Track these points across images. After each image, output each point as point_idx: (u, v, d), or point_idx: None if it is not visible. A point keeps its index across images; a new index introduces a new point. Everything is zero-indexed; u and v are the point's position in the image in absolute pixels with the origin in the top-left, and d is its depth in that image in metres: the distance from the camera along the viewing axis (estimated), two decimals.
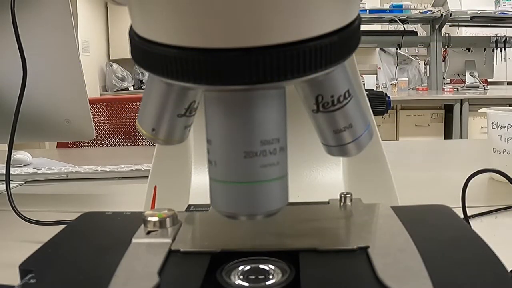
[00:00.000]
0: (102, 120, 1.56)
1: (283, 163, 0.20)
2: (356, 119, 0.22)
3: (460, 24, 3.26)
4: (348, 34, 0.19)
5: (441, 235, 0.27)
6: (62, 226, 0.30)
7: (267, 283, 0.22)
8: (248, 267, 0.24)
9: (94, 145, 1.48)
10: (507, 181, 0.43)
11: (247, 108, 0.19)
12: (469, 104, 2.86)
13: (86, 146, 1.40)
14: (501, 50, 3.18)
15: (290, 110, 0.29)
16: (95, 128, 1.06)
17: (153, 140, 0.24)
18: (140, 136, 1.53)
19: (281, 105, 0.20)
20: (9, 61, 0.62)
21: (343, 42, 0.18)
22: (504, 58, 3.22)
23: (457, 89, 3.16)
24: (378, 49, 3.36)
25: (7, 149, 0.53)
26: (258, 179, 0.20)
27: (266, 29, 0.16)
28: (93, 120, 0.72)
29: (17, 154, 0.88)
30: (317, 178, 0.40)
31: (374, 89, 1.08)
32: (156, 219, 0.27)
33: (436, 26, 3.14)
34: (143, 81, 3.60)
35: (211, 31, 0.16)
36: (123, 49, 3.48)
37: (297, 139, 0.39)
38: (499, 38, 3.17)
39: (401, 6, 3.18)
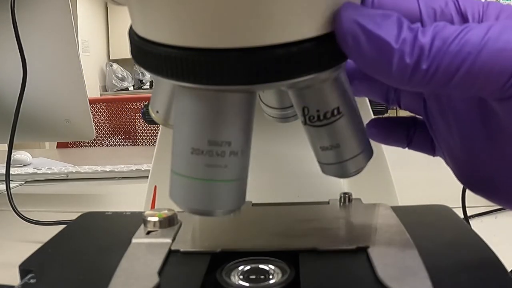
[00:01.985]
0: (102, 120, 1.56)
1: (234, 167, 0.19)
2: (344, 140, 0.22)
3: None
4: None
5: (441, 235, 0.27)
6: (62, 226, 0.30)
7: (267, 283, 0.22)
8: (248, 267, 0.24)
9: (94, 145, 1.48)
10: None
11: (204, 106, 0.19)
12: None
13: (86, 146, 1.40)
14: None
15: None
16: (95, 128, 1.06)
17: (165, 125, 0.27)
18: (140, 136, 1.53)
19: (242, 111, 0.19)
20: (9, 61, 0.62)
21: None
22: None
23: None
24: None
25: (7, 149, 0.53)
26: (202, 177, 0.19)
27: (266, 29, 0.16)
28: (93, 120, 0.71)
29: (17, 154, 0.88)
30: (317, 178, 0.40)
31: None
32: (156, 219, 0.27)
33: None
34: (143, 81, 3.60)
35: (210, 31, 0.16)
36: (123, 49, 3.48)
37: (297, 139, 0.39)
38: None
39: None
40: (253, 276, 0.23)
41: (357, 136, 0.22)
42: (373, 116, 0.39)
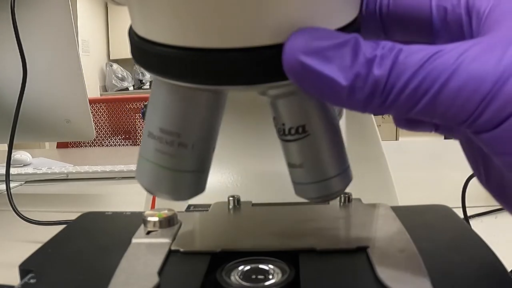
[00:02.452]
0: (102, 120, 1.56)
1: (181, 158, 0.20)
2: (308, 161, 0.21)
3: None
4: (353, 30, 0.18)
5: (441, 235, 0.27)
6: (62, 226, 0.30)
7: (267, 283, 0.22)
8: (248, 267, 0.24)
9: (94, 145, 1.48)
10: None
11: (162, 95, 0.19)
12: None
13: (86, 146, 1.40)
14: None
15: None
16: (95, 128, 1.06)
17: None
18: (140, 136, 1.53)
19: (200, 108, 0.20)
20: (9, 61, 0.62)
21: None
22: None
23: None
24: None
25: (7, 149, 0.53)
26: (152, 160, 0.21)
27: (265, 29, 0.16)
28: (93, 120, 0.71)
29: (17, 154, 0.88)
30: None
31: None
32: (156, 219, 0.27)
33: None
34: (143, 81, 3.60)
35: (210, 31, 0.16)
36: (123, 49, 3.48)
37: None
38: None
39: None
40: (253, 276, 0.23)
41: (326, 160, 0.21)
42: (373, 114, 0.39)
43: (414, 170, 0.76)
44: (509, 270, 0.22)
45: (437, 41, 0.21)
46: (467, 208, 0.45)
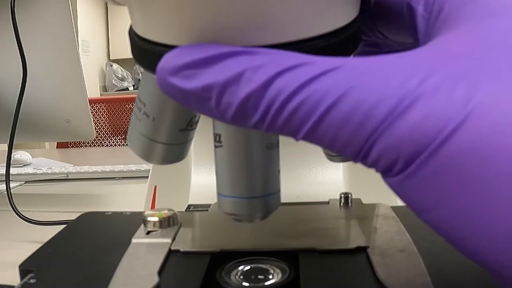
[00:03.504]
0: (102, 120, 1.56)
1: (145, 125, 0.23)
2: (219, 173, 0.21)
3: None
4: (346, 35, 0.18)
5: None
6: (62, 226, 0.30)
7: (267, 283, 0.22)
8: (248, 267, 0.24)
9: (94, 145, 1.48)
10: None
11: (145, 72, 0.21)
12: None
13: (86, 146, 1.40)
14: None
15: None
16: (95, 128, 1.06)
17: None
18: None
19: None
20: (9, 61, 0.62)
21: (340, 42, 0.18)
22: None
23: None
24: None
25: (7, 149, 0.53)
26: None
27: (265, 29, 0.16)
28: (93, 120, 0.71)
29: (17, 154, 0.88)
30: (317, 178, 0.40)
31: None
32: (156, 219, 0.27)
33: None
34: None
35: (210, 31, 0.16)
36: (123, 49, 3.48)
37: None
38: None
39: None
40: (253, 276, 0.23)
41: (238, 179, 0.20)
42: None
43: None
44: None
45: (419, 42, 0.19)
46: None
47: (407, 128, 0.13)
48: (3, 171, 0.52)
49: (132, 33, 0.19)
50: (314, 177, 0.40)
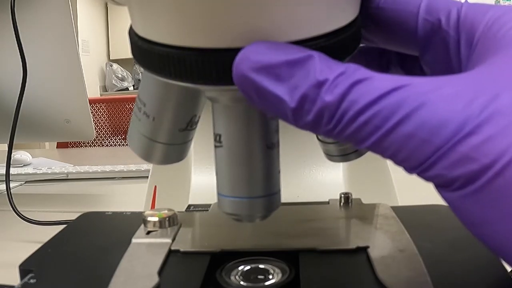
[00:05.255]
0: (102, 120, 1.56)
1: (145, 125, 0.23)
2: (219, 172, 0.21)
3: None
4: (347, 35, 0.18)
5: (441, 235, 0.27)
6: (62, 226, 0.30)
7: (267, 283, 0.22)
8: (248, 267, 0.24)
9: (94, 145, 1.48)
10: None
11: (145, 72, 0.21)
12: None
13: (86, 146, 1.40)
14: None
15: None
16: (95, 128, 1.06)
17: None
18: None
19: (164, 88, 0.22)
20: (9, 61, 0.62)
21: (342, 42, 0.18)
22: None
23: None
24: None
25: (7, 149, 0.53)
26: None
27: (264, 29, 0.16)
28: (93, 120, 0.71)
29: (17, 154, 0.88)
30: (317, 178, 0.40)
31: None
32: (156, 219, 0.27)
33: None
34: None
35: (210, 31, 0.16)
36: (123, 49, 3.48)
37: (297, 140, 0.39)
38: None
39: None
40: (253, 276, 0.23)
41: (233, 180, 0.20)
42: None
43: None
44: (509, 270, 0.22)
45: (422, 54, 0.20)
46: None
47: (472, 147, 0.14)
48: (3, 171, 0.52)
49: (132, 33, 0.19)
50: (314, 177, 0.40)
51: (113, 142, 1.56)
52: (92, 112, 0.70)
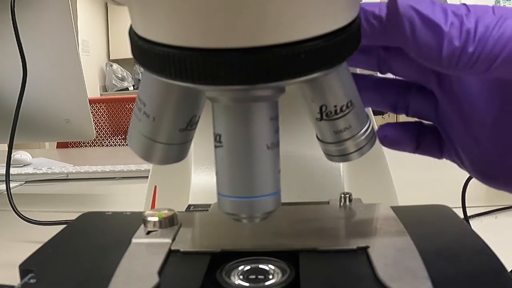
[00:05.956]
0: (102, 120, 1.56)
1: (145, 125, 0.23)
2: (219, 172, 0.21)
3: None
4: (347, 35, 0.18)
5: (441, 235, 0.27)
6: (62, 226, 0.30)
7: (267, 283, 0.22)
8: (248, 267, 0.24)
9: (94, 145, 1.48)
10: None
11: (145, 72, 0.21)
12: None
13: (86, 146, 1.40)
14: None
15: (290, 111, 0.29)
16: (95, 128, 1.06)
17: None
18: None
19: (164, 88, 0.22)
20: (9, 61, 0.62)
21: (342, 42, 0.18)
22: None
23: None
24: None
25: (7, 149, 0.53)
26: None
27: (265, 29, 0.16)
28: (93, 120, 0.71)
29: (17, 154, 0.88)
30: (317, 178, 0.40)
31: None
32: (156, 219, 0.27)
33: None
34: None
35: (210, 31, 0.16)
36: (123, 49, 3.48)
37: (297, 139, 0.39)
38: None
39: None
40: (253, 276, 0.23)
41: (233, 180, 0.21)
42: (373, 115, 0.39)
43: (414, 170, 0.76)
44: (509, 270, 0.22)
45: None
46: (467, 208, 0.45)
47: None
48: (3, 171, 0.52)
49: (132, 33, 0.19)
50: (314, 177, 0.40)
51: (113, 142, 1.56)
52: (92, 112, 0.70)
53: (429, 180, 0.70)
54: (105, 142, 1.55)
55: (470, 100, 0.23)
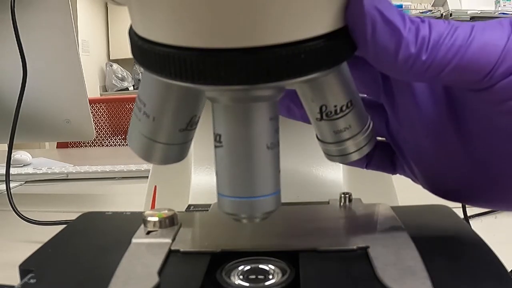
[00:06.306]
0: (102, 120, 1.56)
1: (144, 125, 0.23)
2: (219, 172, 0.21)
3: None
4: (348, 35, 0.19)
5: (441, 235, 0.27)
6: (62, 226, 0.30)
7: (267, 283, 0.22)
8: (248, 267, 0.24)
9: (94, 145, 1.48)
10: None
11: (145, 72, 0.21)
12: None
13: (86, 146, 1.40)
14: None
15: None
16: (95, 128, 1.06)
17: None
18: None
19: (165, 89, 0.22)
20: (9, 61, 0.62)
21: (343, 42, 0.18)
22: None
23: None
24: None
25: (7, 149, 0.53)
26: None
27: (265, 29, 0.16)
28: (93, 120, 0.71)
29: (17, 154, 0.88)
30: (317, 178, 0.40)
31: None
32: (156, 219, 0.27)
33: None
34: None
35: (210, 31, 0.16)
36: (123, 49, 3.48)
37: (297, 139, 0.39)
38: None
39: (401, 6, 3.17)
40: (253, 276, 0.23)
41: (233, 180, 0.21)
42: None
43: None
44: (509, 270, 0.22)
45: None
46: (467, 208, 0.45)
47: None
48: (3, 171, 0.52)
49: (132, 33, 0.19)
50: (314, 177, 0.40)
51: (113, 142, 1.56)
52: (92, 112, 0.70)
53: None
54: (105, 142, 1.55)
55: (415, 110, 0.23)
